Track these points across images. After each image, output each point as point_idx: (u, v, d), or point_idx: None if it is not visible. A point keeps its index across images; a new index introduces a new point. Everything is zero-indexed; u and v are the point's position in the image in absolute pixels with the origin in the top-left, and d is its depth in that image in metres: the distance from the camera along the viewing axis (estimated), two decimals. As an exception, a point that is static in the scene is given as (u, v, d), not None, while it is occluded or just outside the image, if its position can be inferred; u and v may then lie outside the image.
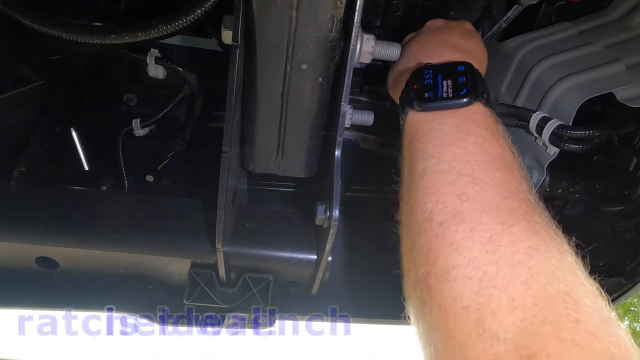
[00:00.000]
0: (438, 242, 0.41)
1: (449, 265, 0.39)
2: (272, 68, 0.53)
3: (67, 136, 0.84)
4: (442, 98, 0.49)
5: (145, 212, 0.66)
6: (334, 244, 0.60)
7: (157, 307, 0.71)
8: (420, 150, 0.48)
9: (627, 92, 0.59)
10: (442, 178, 0.44)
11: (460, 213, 0.41)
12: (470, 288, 0.37)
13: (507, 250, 0.37)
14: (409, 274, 0.44)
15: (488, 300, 0.35)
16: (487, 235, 0.39)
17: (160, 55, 0.77)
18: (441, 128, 0.48)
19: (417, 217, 0.44)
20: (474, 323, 0.35)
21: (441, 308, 0.38)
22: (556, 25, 0.74)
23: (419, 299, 0.41)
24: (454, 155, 0.45)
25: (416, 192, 0.46)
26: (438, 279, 0.39)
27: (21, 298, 0.68)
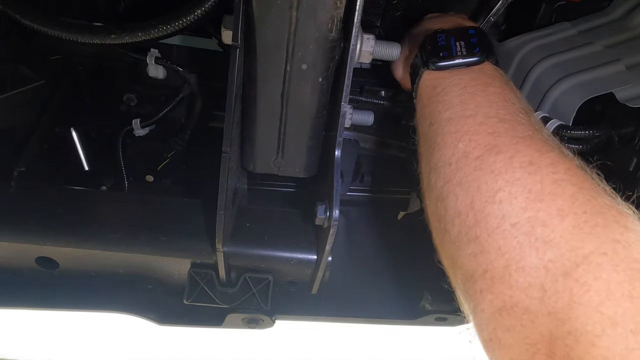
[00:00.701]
0: (477, 174, 0.41)
1: (492, 190, 0.39)
2: (272, 68, 0.53)
3: (67, 136, 0.84)
4: (456, 56, 0.51)
5: (145, 212, 0.66)
6: (334, 244, 0.60)
7: (157, 307, 0.71)
8: (442, 102, 0.49)
9: (627, 92, 0.59)
10: (470, 121, 0.45)
11: (496, 146, 0.41)
12: (517, 206, 0.37)
13: (549, 170, 0.38)
14: (447, 210, 0.43)
15: (536, 213, 0.36)
16: (527, 159, 0.39)
17: (160, 55, 0.77)
18: (459, 82, 0.49)
19: (449, 158, 0.45)
20: (524, 235, 0.36)
21: (488, 230, 0.38)
22: (556, 25, 0.74)
23: (462, 228, 0.41)
24: (477, 103, 0.46)
25: (444, 137, 0.46)
26: (483, 204, 0.39)
27: (21, 298, 0.68)
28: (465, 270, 0.40)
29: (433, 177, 0.46)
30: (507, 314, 0.35)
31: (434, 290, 0.78)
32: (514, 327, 0.34)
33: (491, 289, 0.37)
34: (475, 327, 0.39)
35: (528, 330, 0.34)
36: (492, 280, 0.37)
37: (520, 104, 0.47)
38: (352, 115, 0.71)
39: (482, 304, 0.37)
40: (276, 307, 0.70)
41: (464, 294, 0.41)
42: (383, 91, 0.82)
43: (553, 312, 0.32)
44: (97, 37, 0.60)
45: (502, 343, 0.35)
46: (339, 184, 0.57)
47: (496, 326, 0.36)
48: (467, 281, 0.40)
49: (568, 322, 0.31)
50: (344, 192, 0.88)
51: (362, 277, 0.85)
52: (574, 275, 0.32)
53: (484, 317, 0.37)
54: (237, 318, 0.69)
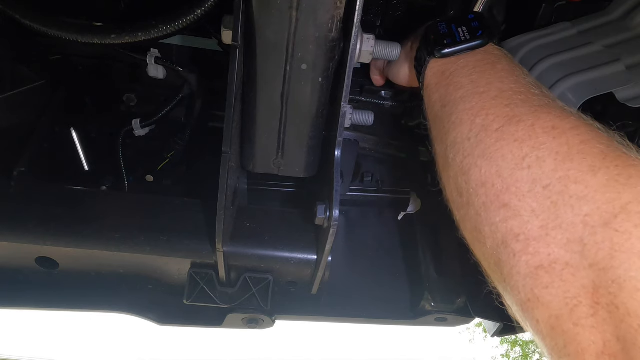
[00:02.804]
0: (500, 144, 0.41)
1: (519, 157, 0.39)
2: (272, 68, 0.53)
3: (67, 136, 0.84)
4: (460, 41, 0.51)
5: (145, 212, 0.66)
6: (334, 244, 0.60)
7: (157, 307, 0.71)
8: (452, 84, 0.49)
9: (627, 92, 0.59)
10: (484, 97, 0.45)
11: (515, 116, 0.41)
12: (547, 168, 0.37)
13: (573, 133, 0.38)
14: (469, 182, 0.43)
15: (567, 173, 0.36)
16: (549, 125, 0.39)
17: (160, 55, 0.77)
18: (467, 64, 0.50)
19: (467, 134, 0.44)
20: (557, 195, 0.35)
21: (519, 195, 0.38)
22: (556, 25, 0.74)
23: (488, 197, 0.40)
24: (488, 80, 0.47)
25: (459, 115, 0.46)
26: (510, 171, 0.39)
27: (21, 298, 0.68)
28: (495, 237, 0.39)
29: (451, 154, 0.46)
30: (545, 271, 0.35)
31: (434, 291, 0.78)
32: (553, 284, 0.34)
33: (526, 250, 0.36)
34: (510, 291, 0.39)
35: (569, 285, 0.34)
36: (527, 241, 0.37)
37: (530, 79, 0.47)
38: (352, 115, 0.71)
39: (517, 267, 0.37)
40: (276, 307, 0.70)
41: (494, 262, 0.41)
42: (383, 91, 0.82)
43: (595, 263, 0.32)
44: (97, 37, 0.60)
45: (541, 301, 0.35)
46: (339, 184, 0.57)
47: (534, 285, 0.36)
48: (497, 247, 0.39)
49: (611, 270, 0.31)
50: (344, 192, 0.88)
51: (362, 277, 0.85)
52: (613, 225, 0.32)
53: (519, 279, 0.37)
54: (237, 318, 0.69)
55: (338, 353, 1.28)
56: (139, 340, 1.06)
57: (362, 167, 0.95)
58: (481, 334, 5.95)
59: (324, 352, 1.27)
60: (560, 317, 0.34)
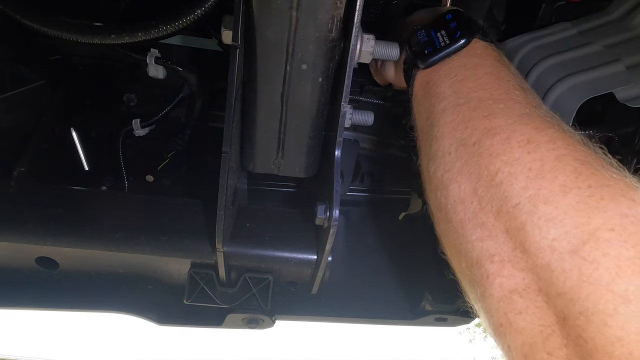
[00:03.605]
0: (477, 160, 0.40)
1: (492, 172, 0.38)
2: (272, 68, 0.53)
3: (67, 136, 0.84)
4: (441, 48, 0.50)
5: (145, 212, 0.66)
6: (334, 244, 0.60)
7: (157, 307, 0.71)
8: (435, 95, 0.48)
9: (627, 92, 0.59)
10: (464, 109, 0.44)
11: (492, 129, 0.40)
12: (517, 186, 0.36)
13: (549, 147, 0.37)
14: (448, 198, 0.42)
15: (538, 191, 0.34)
16: (524, 138, 0.38)
17: (160, 55, 0.77)
18: (449, 72, 0.48)
19: (447, 148, 0.43)
20: (527, 215, 0.34)
21: (493, 214, 0.37)
22: (556, 25, 0.74)
23: (466, 214, 0.40)
24: (469, 89, 0.45)
25: (440, 128, 0.45)
26: (485, 189, 0.38)
27: (21, 298, 0.68)
28: (471, 256, 0.38)
29: (432, 167, 0.45)
30: (519, 296, 0.34)
31: (434, 290, 0.78)
32: (527, 310, 0.33)
33: (501, 273, 0.35)
34: (484, 314, 0.38)
35: (542, 312, 0.32)
36: (501, 263, 0.35)
37: (516, 81, 0.46)
38: (352, 115, 0.71)
39: (490, 289, 0.36)
40: (276, 307, 0.70)
41: (470, 281, 0.40)
42: (383, 91, 0.82)
43: (562, 293, 0.31)
44: (97, 37, 0.60)
45: (514, 327, 0.34)
46: (339, 184, 0.57)
47: (507, 310, 0.34)
48: (472, 267, 0.38)
49: (578, 301, 0.30)
50: (344, 192, 0.88)
51: (362, 277, 0.85)
52: (581, 253, 0.31)
53: (492, 302, 0.36)
54: (237, 318, 0.69)
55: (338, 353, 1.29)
56: (139, 340, 1.07)
57: (362, 167, 0.95)
58: (481, 334, 5.95)
59: (324, 352, 1.28)
60: (533, 346, 0.32)
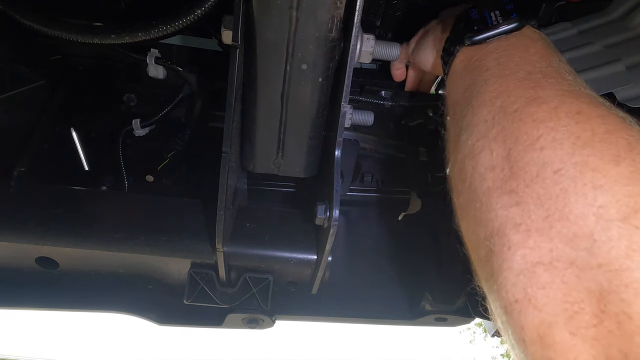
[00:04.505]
0: (517, 125, 0.36)
1: (532, 137, 0.34)
2: (272, 68, 0.53)
3: (67, 136, 0.84)
4: (492, 26, 0.47)
5: (145, 212, 0.66)
6: (334, 244, 0.60)
7: (157, 307, 0.71)
8: (477, 68, 0.45)
9: (627, 92, 0.59)
10: (510, 79, 0.41)
11: (539, 98, 0.37)
12: (562, 151, 0.32)
13: (600, 121, 0.33)
14: (476, 167, 0.39)
15: (585, 159, 0.31)
16: (574, 109, 0.35)
17: (160, 55, 0.77)
18: (497, 48, 0.46)
19: (484, 116, 0.40)
20: (569, 180, 0.31)
21: (526, 180, 0.33)
22: (556, 25, 0.74)
23: (494, 182, 0.36)
24: (516, 63, 0.42)
25: (480, 97, 0.42)
26: (520, 154, 0.34)
27: (21, 298, 0.68)
28: (492, 226, 0.35)
29: (464, 136, 0.42)
30: (544, 269, 0.31)
31: (434, 290, 0.78)
32: (551, 284, 0.30)
33: (525, 243, 0.32)
34: (496, 290, 0.34)
35: (571, 287, 0.29)
36: (526, 233, 0.32)
37: (566, 66, 0.42)
38: (352, 115, 0.71)
39: (509, 261, 0.33)
40: (276, 307, 0.70)
41: (485, 254, 0.36)
42: (383, 91, 0.82)
43: (606, 263, 0.28)
44: (97, 37, 0.60)
45: (533, 303, 0.31)
46: (339, 184, 0.57)
47: (527, 284, 0.31)
48: (492, 237, 0.35)
49: (626, 273, 0.27)
50: (344, 192, 0.88)
51: (362, 277, 0.85)
52: (632, 221, 0.28)
53: (510, 275, 0.32)
54: (237, 318, 0.69)
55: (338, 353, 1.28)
56: (139, 340, 1.07)
57: (362, 167, 0.95)
58: (481, 334, 5.95)
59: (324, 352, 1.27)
60: (553, 325, 0.29)
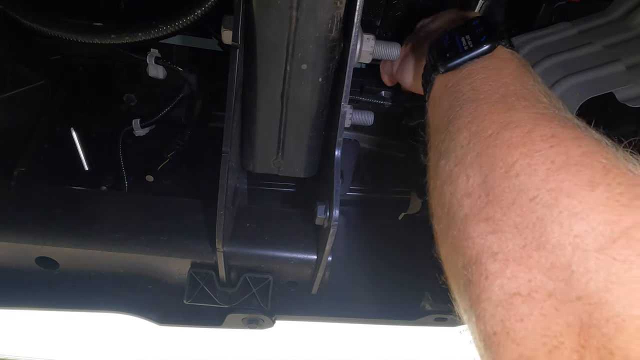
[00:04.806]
0: (491, 151, 0.36)
1: (508, 164, 0.34)
2: (272, 68, 0.53)
3: (67, 136, 0.84)
4: (463, 52, 0.48)
5: (145, 212, 0.66)
6: (334, 244, 0.60)
7: (157, 307, 0.71)
8: (453, 94, 0.46)
9: (627, 92, 0.59)
10: (483, 103, 0.41)
11: (512, 122, 0.37)
12: (537, 177, 0.32)
13: (575, 143, 0.33)
14: (454, 193, 0.39)
15: (560, 185, 0.31)
16: (548, 133, 0.34)
17: (160, 55, 0.77)
18: (470, 73, 0.46)
19: (461, 141, 0.40)
20: (545, 208, 0.30)
21: (503, 208, 0.33)
22: (556, 25, 0.74)
23: (472, 209, 0.36)
24: (490, 86, 0.43)
25: (456, 122, 0.42)
26: (497, 181, 0.34)
27: (21, 298, 0.68)
28: (470, 254, 0.34)
29: (442, 161, 0.42)
30: (522, 301, 0.30)
31: (434, 291, 0.78)
32: (530, 317, 0.29)
33: (502, 273, 0.31)
34: (475, 322, 0.33)
35: (550, 320, 0.28)
36: (504, 262, 0.31)
37: (540, 87, 0.43)
38: (352, 115, 0.71)
39: (487, 291, 0.32)
40: (276, 307, 0.70)
41: (464, 283, 0.35)
42: (383, 91, 0.82)
43: (585, 296, 0.27)
44: (97, 37, 0.60)
45: (511, 336, 0.30)
46: (339, 184, 0.57)
47: (505, 316, 0.30)
48: (470, 266, 0.34)
49: (606, 306, 0.26)
50: (344, 192, 0.88)
51: (362, 277, 0.85)
52: (610, 251, 0.27)
53: (488, 306, 0.32)
54: (237, 318, 0.69)
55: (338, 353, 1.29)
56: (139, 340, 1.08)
57: (362, 167, 0.95)
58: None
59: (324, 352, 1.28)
60: (533, 359, 0.28)
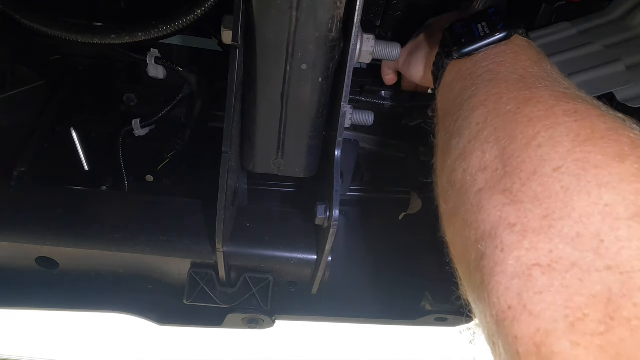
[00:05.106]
0: (512, 125, 0.34)
1: (529, 135, 0.33)
2: (272, 68, 0.53)
3: (67, 136, 0.84)
4: (479, 37, 0.46)
5: (145, 212, 0.66)
6: (334, 244, 0.60)
7: (157, 307, 0.71)
8: (467, 77, 0.44)
9: (627, 92, 0.59)
10: (502, 83, 0.40)
11: (534, 98, 0.36)
12: (562, 148, 0.31)
13: (599, 120, 0.32)
14: (467, 169, 0.37)
15: (587, 155, 0.29)
16: (572, 108, 0.33)
17: (160, 55, 0.77)
18: (486, 57, 0.45)
19: (476, 118, 0.38)
20: (572, 178, 0.29)
21: (522, 178, 0.31)
22: (556, 25, 0.74)
23: (487, 183, 0.34)
24: (508, 69, 0.41)
25: (471, 102, 0.40)
26: (516, 152, 0.33)
27: (21, 298, 0.68)
28: (483, 228, 0.32)
29: (455, 140, 0.40)
30: (542, 272, 0.28)
31: (434, 291, 0.78)
32: (550, 289, 0.27)
33: (520, 244, 0.29)
34: (486, 298, 0.31)
35: (573, 291, 0.26)
36: (522, 233, 0.30)
37: (558, 72, 0.41)
38: (352, 115, 0.71)
39: (502, 264, 0.30)
40: (276, 307, 0.70)
41: (474, 260, 0.33)
42: (383, 91, 0.82)
43: (615, 265, 0.26)
44: (97, 37, 0.60)
45: (529, 309, 0.28)
46: (339, 184, 0.57)
47: (523, 288, 0.28)
48: (483, 239, 0.32)
49: (639, 274, 0.25)
50: (344, 192, 0.88)
51: (362, 277, 0.85)
52: None
53: (503, 279, 0.30)
54: (237, 318, 0.69)
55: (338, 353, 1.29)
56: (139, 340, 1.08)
57: (362, 167, 0.95)
58: (482, 334, 5.94)
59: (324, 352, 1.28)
60: (552, 333, 0.26)
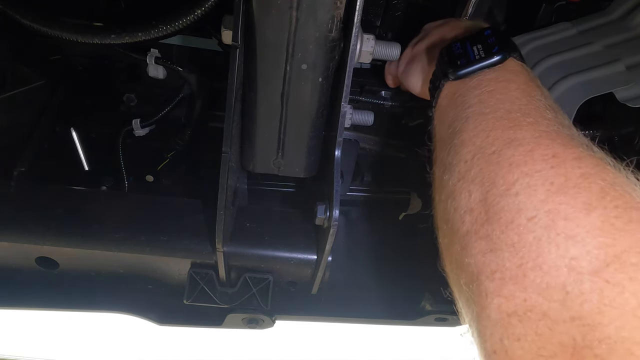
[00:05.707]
0: (493, 168, 0.37)
1: (508, 183, 0.35)
2: (272, 68, 0.53)
3: (67, 136, 0.84)
4: (475, 60, 0.48)
5: (145, 212, 0.66)
6: (334, 244, 0.60)
7: (157, 307, 0.71)
8: (460, 104, 0.46)
9: (627, 92, 0.59)
10: (489, 117, 0.42)
11: (515, 140, 0.38)
12: (536, 198, 0.33)
13: (574, 164, 0.34)
14: (457, 209, 0.39)
15: (557, 207, 0.31)
16: (549, 152, 0.35)
17: (160, 55, 0.77)
18: (479, 83, 0.46)
19: (464, 155, 0.41)
20: (543, 229, 0.31)
21: (501, 226, 0.34)
22: (556, 25, 0.74)
23: (472, 225, 0.37)
24: (497, 100, 0.43)
25: (461, 136, 0.43)
26: (497, 198, 0.35)
27: (21, 298, 0.68)
28: (471, 271, 0.35)
29: (446, 176, 0.43)
30: (519, 320, 0.31)
31: (435, 291, 0.78)
32: (526, 336, 0.30)
33: (500, 291, 0.32)
34: (478, 337, 0.34)
35: (545, 340, 0.29)
36: (502, 281, 0.32)
37: (547, 101, 0.44)
38: (352, 115, 0.71)
39: (487, 309, 0.33)
40: (276, 307, 0.70)
41: (466, 300, 0.37)
42: (383, 91, 0.82)
43: (578, 317, 0.28)
44: (97, 37, 0.60)
45: (510, 355, 0.30)
46: (339, 184, 0.57)
47: (503, 335, 0.31)
48: (471, 283, 0.35)
49: (598, 328, 0.27)
50: (344, 192, 0.88)
51: (362, 277, 0.85)
52: (603, 274, 0.28)
53: (488, 324, 0.33)
54: (237, 318, 0.69)
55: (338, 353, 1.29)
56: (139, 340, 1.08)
57: (362, 167, 0.95)
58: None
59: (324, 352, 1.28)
60: None
